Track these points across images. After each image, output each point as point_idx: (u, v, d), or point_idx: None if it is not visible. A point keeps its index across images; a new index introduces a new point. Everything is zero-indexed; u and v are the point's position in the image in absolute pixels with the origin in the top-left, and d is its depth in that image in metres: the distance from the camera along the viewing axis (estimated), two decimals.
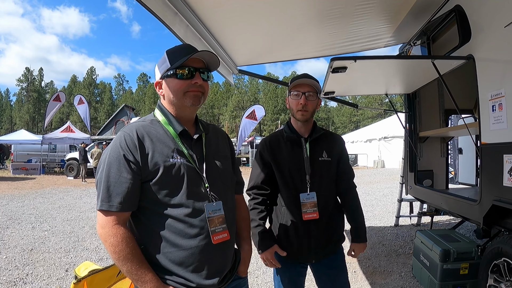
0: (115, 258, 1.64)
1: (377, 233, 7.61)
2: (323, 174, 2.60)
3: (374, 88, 5.66)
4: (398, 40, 5.71)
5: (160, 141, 1.75)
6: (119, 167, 1.65)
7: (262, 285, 4.95)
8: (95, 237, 7.55)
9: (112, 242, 1.62)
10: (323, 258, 2.66)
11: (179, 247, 1.69)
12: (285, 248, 2.60)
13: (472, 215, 4.13)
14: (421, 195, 6.09)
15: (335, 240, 2.68)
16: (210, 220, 1.75)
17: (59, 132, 26.34)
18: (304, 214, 2.51)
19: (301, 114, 2.55)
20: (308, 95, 2.52)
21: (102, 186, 1.66)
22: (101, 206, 1.65)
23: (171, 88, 1.79)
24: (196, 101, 1.79)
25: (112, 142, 1.73)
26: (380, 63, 4.00)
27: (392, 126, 29.19)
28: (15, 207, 11.33)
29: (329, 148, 2.66)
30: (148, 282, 1.64)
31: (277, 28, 4.50)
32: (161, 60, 1.83)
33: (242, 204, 2.22)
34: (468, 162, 7.72)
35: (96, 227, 1.80)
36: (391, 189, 14.98)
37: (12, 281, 5.09)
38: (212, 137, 2.00)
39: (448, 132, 5.88)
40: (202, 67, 1.81)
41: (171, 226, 1.70)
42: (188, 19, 3.56)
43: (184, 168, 1.73)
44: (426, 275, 4.57)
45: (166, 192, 1.69)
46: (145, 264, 1.66)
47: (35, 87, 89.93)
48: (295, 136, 2.64)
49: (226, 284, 1.87)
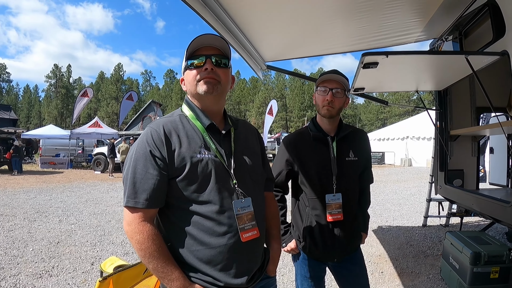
0: (141, 255, 1.62)
1: (404, 233, 7.50)
2: (350, 174, 2.55)
3: (405, 84, 5.53)
4: (429, 35, 5.56)
5: (187, 137, 1.72)
6: (146, 163, 1.63)
7: (288, 283, 4.91)
8: (121, 231, 7.64)
9: (139, 239, 1.61)
10: (346, 255, 2.63)
11: (207, 245, 1.66)
12: (310, 248, 2.59)
13: (504, 217, 4.02)
14: (451, 195, 5.94)
15: (357, 237, 2.68)
16: (239, 217, 1.71)
17: (87, 127, 26.83)
18: (329, 215, 2.47)
19: (327, 109, 2.47)
20: (336, 92, 2.44)
21: (129, 182, 1.64)
22: (127, 203, 1.63)
23: (187, 80, 1.80)
24: (210, 89, 1.73)
25: (139, 138, 1.72)
26: (412, 59, 3.90)
27: (420, 124, 28.76)
28: (42, 200, 11.58)
29: (355, 147, 2.61)
30: (174, 280, 1.62)
31: (305, 22, 4.42)
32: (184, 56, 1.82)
33: (272, 201, 2.18)
34: (500, 162, 7.52)
35: (122, 221, 1.78)
36: (419, 188, 14.76)
37: (38, 273, 5.18)
38: (241, 133, 1.96)
39: (480, 131, 5.72)
40: (216, 53, 1.77)
41: (198, 223, 1.66)
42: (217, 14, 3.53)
43: (212, 164, 1.69)
44: (455, 277, 4.46)
45: (193, 189, 1.65)
46: (171, 261, 1.64)
47: (63, 83, 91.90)
48: (321, 134, 2.57)
49: (255, 283, 1.83)
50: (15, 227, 7.87)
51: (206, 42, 1.75)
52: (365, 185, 2.76)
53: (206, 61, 1.72)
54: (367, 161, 2.70)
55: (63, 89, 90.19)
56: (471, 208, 5.13)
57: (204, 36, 1.74)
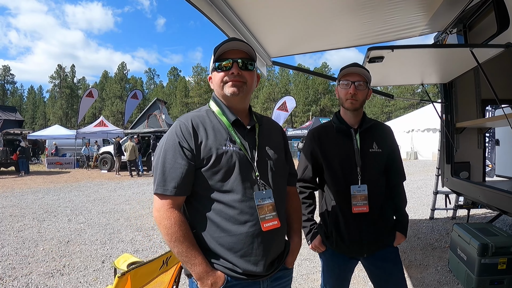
0: (168, 239, 1.73)
1: (412, 226, 7.49)
2: (374, 166, 2.54)
3: (410, 78, 5.55)
4: (433, 28, 5.57)
5: (214, 130, 1.83)
6: (175, 153, 1.75)
7: (298, 277, 4.91)
8: (130, 229, 7.70)
9: (166, 224, 1.72)
10: (376, 250, 2.60)
11: (228, 232, 1.76)
12: (336, 242, 2.58)
13: (511, 209, 4.03)
14: (458, 188, 5.95)
15: (387, 232, 2.62)
16: (260, 208, 1.79)
17: (92, 127, 26.91)
18: (354, 207, 2.46)
19: (351, 103, 2.49)
20: (358, 84, 2.46)
21: (158, 171, 1.77)
22: (157, 190, 1.75)
23: (215, 81, 1.91)
24: (236, 91, 1.83)
25: (169, 131, 1.84)
26: (417, 52, 3.92)
27: (425, 117, 28.68)
28: (51, 200, 11.65)
29: (379, 139, 2.60)
30: (197, 265, 1.72)
31: (310, 18, 4.44)
32: (212, 57, 1.91)
33: (295, 195, 2.24)
34: (506, 154, 7.52)
35: (131, 219, 1.86)
36: (425, 181, 14.75)
37: (50, 272, 5.23)
38: (266, 128, 2.05)
39: (486, 123, 5.73)
40: (243, 57, 1.85)
41: (221, 211, 1.76)
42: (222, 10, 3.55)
43: (236, 156, 1.79)
44: (463, 269, 4.48)
45: (218, 178, 1.76)
46: (196, 247, 1.75)
47: (67, 84, 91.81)
48: (345, 126, 2.58)
49: (273, 272, 1.89)
50: (25, 227, 7.92)
51: (233, 46, 1.84)
52: (396, 181, 2.71)
53: (233, 65, 1.82)
54: (393, 153, 2.67)
55: (68, 89, 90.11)
56: (478, 200, 5.14)
57: (232, 41, 1.84)
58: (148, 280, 2.35)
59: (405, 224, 2.72)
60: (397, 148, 2.75)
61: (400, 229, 2.67)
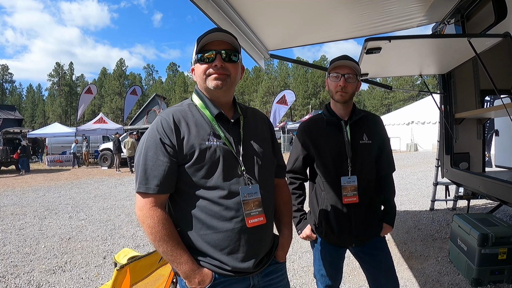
0: (152, 239, 1.69)
1: (412, 217, 7.52)
2: (364, 157, 2.56)
3: (408, 69, 5.54)
4: (431, 19, 5.54)
5: (196, 125, 1.77)
6: (156, 150, 1.69)
7: (299, 269, 4.96)
8: (131, 225, 7.71)
9: (149, 223, 1.68)
10: (366, 240, 2.64)
11: (214, 229, 1.72)
12: (326, 232, 2.62)
13: (511, 199, 4.03)
14: (457, 178, 5.95)
15: (376, 223, 2.67)
16: (245, 203, 1.75)
17: (91, 124, 26.89)
18: (344, 198, 2.50)
19: (340, 95, 2.50)
20: (348, 77, 2.46)
21: (140, 169, 1.71)
22: (139, 189, 1.70)
23: (197, 73, 1.83)
24: (219, 84, 1.77)
25: (150, 127, 1.78)
26: (414, 43, 3.90)
27: (425, 109, 28.68)
28: (51, 198, 11.67)
29: (369, 130, 2.62)
30: (183, 264, 1.69)
31: (308, 10, 4.42)
32: (194, 48, 1.84)
33: (284, 188, 2.20)
34: (505, 144, 7.51)
35: (131, 215, 1.84)
36: (425, 173, 14.77)
37: (52, 269, 5.24)
38: (251, 120, 1.99)
39: (485, 113, 5.72)
40: (227, 48, 1.79)
41: (206, 208, 1.72)
42: (218, 3, 3.53)
43: (220, 151, 1.74)
44: (464, 259, 4.49)
45: (202, 175, 1.71)
46: (181, 245, 1.71)
47: (66, 81, 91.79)
48: (335, 119, 2.60)
49: (262, 268, 1.87)
50: (26, 225, 7.94)
51: (216, 37, 1.78)
52: (385, 172, 2.73)
53: (216, 56, 1.75)
54: (382, 144, 2.69)
55: (66, 87, 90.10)
56: (478, 191, 5.13)
57: (215, 32, 1.78)
58: (147, 273, 2.36)
59: (392, 215, 2.78)
60: (387, 139, 2.77)
61: (387, 220, 2.73)
